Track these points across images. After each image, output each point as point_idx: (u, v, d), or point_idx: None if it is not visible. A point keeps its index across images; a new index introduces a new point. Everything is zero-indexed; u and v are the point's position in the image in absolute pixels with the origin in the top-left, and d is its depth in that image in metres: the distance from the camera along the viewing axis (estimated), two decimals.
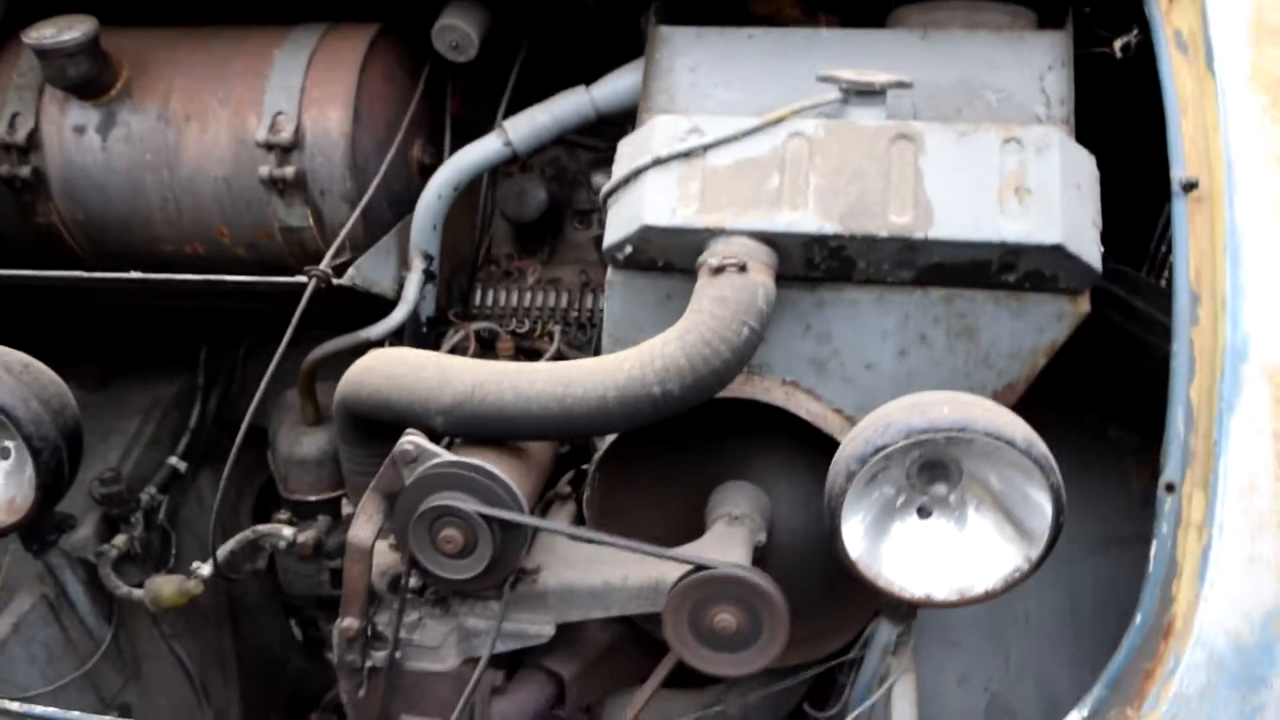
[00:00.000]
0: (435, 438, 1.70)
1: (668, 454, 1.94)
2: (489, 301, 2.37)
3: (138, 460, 2.28)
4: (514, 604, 1.75)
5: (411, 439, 1.67)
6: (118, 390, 1.85)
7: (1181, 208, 1.63)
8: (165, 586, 2.00)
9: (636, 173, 1.73)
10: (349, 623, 1.76)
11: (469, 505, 1.61)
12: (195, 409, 2.44)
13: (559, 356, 2.26)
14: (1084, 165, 1.68)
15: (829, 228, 1.64)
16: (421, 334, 2.18)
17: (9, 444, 1.82)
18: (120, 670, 2.14)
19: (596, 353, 2.28)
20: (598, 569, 1.79)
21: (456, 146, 2.37)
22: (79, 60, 2.06)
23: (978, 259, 1.65)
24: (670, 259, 1.74)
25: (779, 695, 2.07)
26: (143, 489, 2.24)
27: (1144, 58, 1.86)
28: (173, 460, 2.36)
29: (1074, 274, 1.65)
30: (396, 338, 2.13)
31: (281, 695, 2.67)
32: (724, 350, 1.59)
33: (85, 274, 2.00)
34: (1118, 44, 1.81)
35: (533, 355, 2.30)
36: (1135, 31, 1.80)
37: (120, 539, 2.13)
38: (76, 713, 1.53)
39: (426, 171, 2.35)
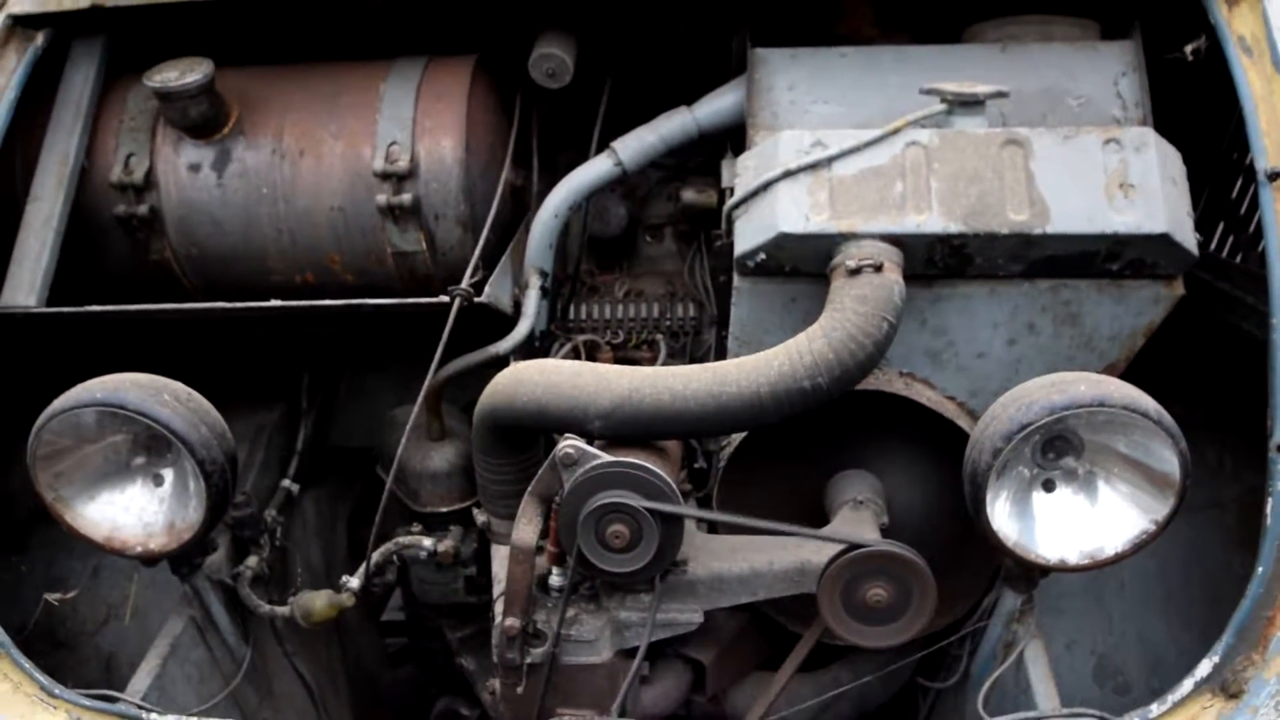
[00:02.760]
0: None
1: (786, 449, 2.06)
2: (582, 315, 2.48)
3: (253, 485, 2.35)
4: (665, 595, 1.86)
5: (572, 443, 1.77)
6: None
7: (1268, 196, 1.80)
8: (316, 601, 2.07)
9: (766, 185, 1.86)
10: (511, 622, 1.85)
11: (636, 501, 1.72)
12: (301, 433, 2.51)
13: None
14: (1175, 161, 1.84)
15: (954, 227, 1.78)
16: (535, 348, 2.28)
17: (164, 471, 1.89)
18: (258, 688, 2.21)
19: (703, 359, 2.41)
20: (742, 556, 1.90)
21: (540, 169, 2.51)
22: (200, 101, 2.14)
23: (1087, 250, 1.80)
24: (799, 264, 1.87)
25: (893, 671, 2.20)
26: (263, 512, 2.30)
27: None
28: (285, 483, 2.43)
29: (1173, 260, 1.81)
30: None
31: (384, 707, 2.74)
32: (868, 344, 1.71)
33: (229, 305, 2.06)
34: (1188, 48, 1.97)
35: (631, 364, 2.41)
36: (1203, 38, 1.97)
37: (253, 560, 2.19)
38: None
39: (517, 194, 2.47)
